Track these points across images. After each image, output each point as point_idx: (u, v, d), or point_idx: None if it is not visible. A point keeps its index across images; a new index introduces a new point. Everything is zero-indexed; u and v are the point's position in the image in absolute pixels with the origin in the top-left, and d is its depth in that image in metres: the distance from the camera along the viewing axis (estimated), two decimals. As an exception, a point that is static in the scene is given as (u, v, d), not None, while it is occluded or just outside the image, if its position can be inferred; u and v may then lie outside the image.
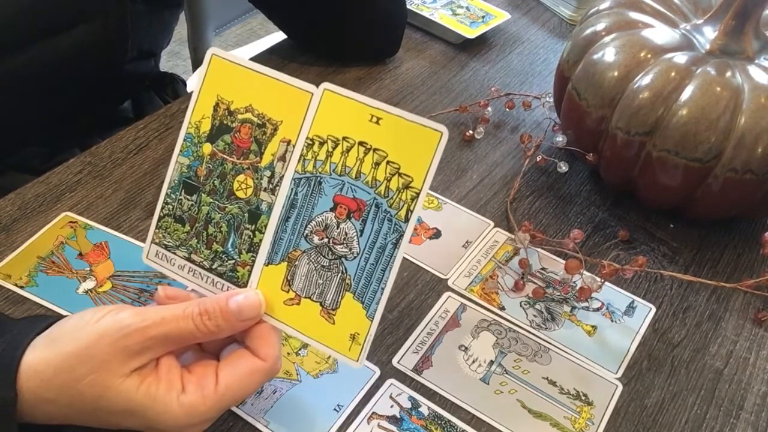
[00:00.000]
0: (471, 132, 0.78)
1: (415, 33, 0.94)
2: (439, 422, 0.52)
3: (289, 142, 0.47)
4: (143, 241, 0.51)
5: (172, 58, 2.26)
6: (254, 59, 0.53)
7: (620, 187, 0.71)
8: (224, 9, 1.39)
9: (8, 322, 0.47)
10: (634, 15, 0.69)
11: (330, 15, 0.82)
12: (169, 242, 0.50)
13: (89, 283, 0.58)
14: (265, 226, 0.47)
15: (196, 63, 1.39)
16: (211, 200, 0.49)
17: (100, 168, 0.69)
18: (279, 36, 0.91)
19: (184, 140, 0.49)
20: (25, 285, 0.58)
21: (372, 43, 0.86)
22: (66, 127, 0.82)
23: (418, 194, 0.44)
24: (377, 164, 0.44)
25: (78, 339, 0.42)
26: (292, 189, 0.46)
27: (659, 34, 0.66)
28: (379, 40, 0.86)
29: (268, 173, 0.47)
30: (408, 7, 0.91)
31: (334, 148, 0.45)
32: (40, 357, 0.42)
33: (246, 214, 0.48)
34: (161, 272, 0.50)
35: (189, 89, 1.00)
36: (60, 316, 0.46)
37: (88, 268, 0.60)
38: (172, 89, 0.94)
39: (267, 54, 0.87)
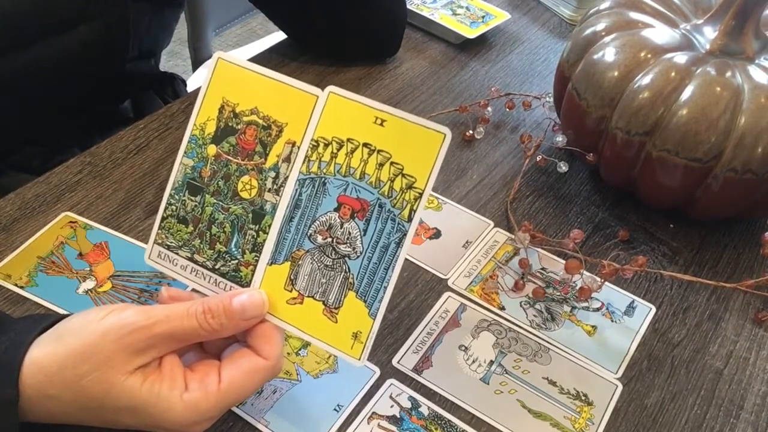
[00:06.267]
0: (471, 132, 0.78)
1: (415, 33, 0.94)
2: (439, 422, 0.53)
3: (294, 144, 0.47)
4: (143, 241, 0.51)
5: (172, 58, 2.26)
6: (254, 59, 0.54)
7: (620, 187, 0.71)
8: (224, 9, 1.39)
9: (10, 321, 0.47)
10: (634, 15, 0.69)
11: (330, 15, 0.82)
12: (171, 243, 0.50)
13: (89, 283, 0.58)
14: (269, 226, 0.47)
15: (196, 63, 1.39)
16: (215, 201, 0.49)
17: (100, 168, 0.69)
18: (279, 36, 0.91)
19: (189, 141, 0.49)
20: (25, 285, 0.58)
21: (372, 43, 0.86)
22: (66, 127, 0.81)
23: (421, 194, 0.44)
24: (381, 165, 0.45)
25: (82, 336, 0.42)
26: (296, 189, 0.47)
27: (659, 34, 0.66)
28: (379, 40, 0.86)
29: (272, 174, 0.47)
30: (408, 7, 0.91)
31: (338, 150, 0.46)
32: (44, 353, 0.42)
33: (250, 215, 0.48)
34: (163, 273, 0.51)
35: (189, 89, 1.00)
36: (62, 315, 0.46)
37: (88, 268, 0.59)
38: (173, 89, 0.94)
39: (267, 54, 0.87)
